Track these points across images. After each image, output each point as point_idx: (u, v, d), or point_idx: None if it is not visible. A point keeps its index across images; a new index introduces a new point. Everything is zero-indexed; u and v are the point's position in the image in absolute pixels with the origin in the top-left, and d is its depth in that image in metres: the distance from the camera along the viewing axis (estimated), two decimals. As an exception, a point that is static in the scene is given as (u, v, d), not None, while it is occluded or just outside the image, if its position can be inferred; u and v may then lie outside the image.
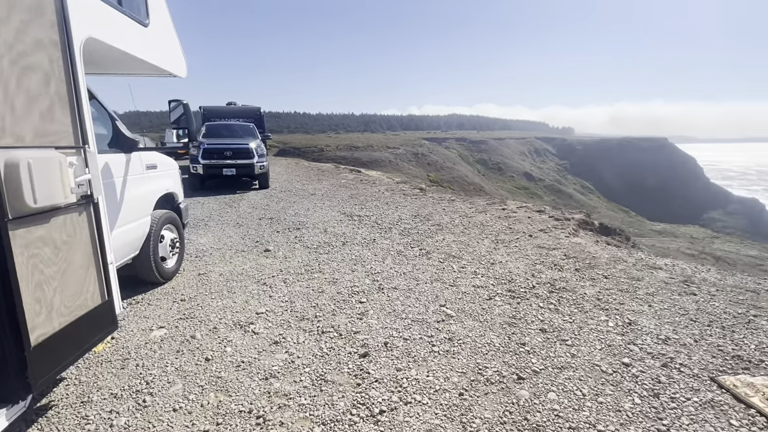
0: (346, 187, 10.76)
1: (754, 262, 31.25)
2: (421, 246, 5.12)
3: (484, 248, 5.03)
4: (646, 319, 3.08)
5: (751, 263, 28.86)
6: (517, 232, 5.80)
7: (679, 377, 2.35)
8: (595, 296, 3.51)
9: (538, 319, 3.10)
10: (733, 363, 2.51)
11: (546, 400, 2.17)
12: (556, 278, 3.94)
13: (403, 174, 31.28)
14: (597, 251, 4.85)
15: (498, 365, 2.50)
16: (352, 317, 3.15)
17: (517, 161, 68.00)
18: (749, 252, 36.57)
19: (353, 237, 5.55)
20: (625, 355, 2.59)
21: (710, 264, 8.72)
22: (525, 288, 3.71)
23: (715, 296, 3.50)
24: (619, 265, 4.32)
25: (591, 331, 2.90)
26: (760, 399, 2.12)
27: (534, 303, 3.39)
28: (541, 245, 5.09)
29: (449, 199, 8.80)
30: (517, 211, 7.15)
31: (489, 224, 6.32)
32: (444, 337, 2.85)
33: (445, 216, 6.96)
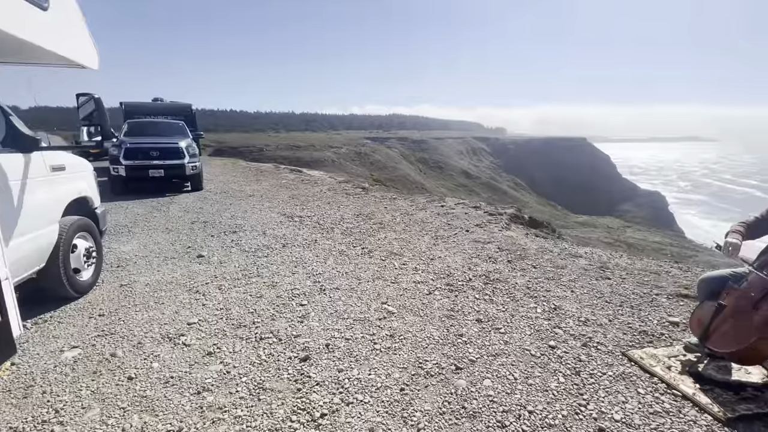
0: (286, 187, 10.46)
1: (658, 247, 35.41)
2: (363, 245, 5.13)
3: (425, 244, 5.16)
4: (569, 303, 3.35)
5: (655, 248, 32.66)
6: (455, 227, 6.03)
7: (596, 355, 2.59)
8: (525, 285, 3.75)
9: (474, 310, 3.24)
10: (640, 338, 2.81)
11: (482, 387, 2.28)
12: (491, 270, 4.16)
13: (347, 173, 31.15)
14: (527, 243, 5.19)
15: (437, 357, 2.58)
16: (292, 321, 3.07)
17: (455, 160, 70.77)
18: (654, 238, 41.35)
19: (294, 238, 5.41)
20: (551, 338, 2.80)
21: (623, 251, 9.69)
22: (462, 281, 3.87)
23: (625, 279, 3.90)
24: (545, 255, 4.67)
25: (522, 318, 3.09)
26: (661, 368, 2.40)
27: (471, 295, 3.54)
28: (477, 239, 5.34)
29: (391, 197, 8.91)
30: (455, 207, 7.43)
31: (429, 221, 6.49)
32: (386, 334, 2.88)
33: (387, 214, 7.04)
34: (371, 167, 48.70)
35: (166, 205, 7.72)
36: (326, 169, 28.52)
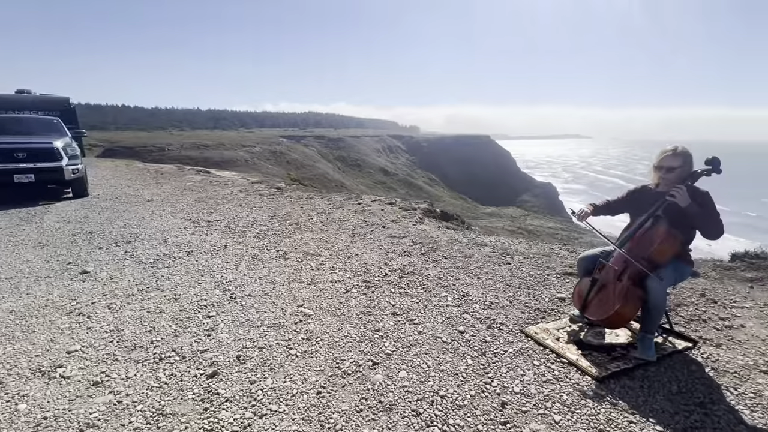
0: (192, 190, 9.63)
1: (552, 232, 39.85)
2: (278, 247, 4.94)
3: (342, 243, 5.14)
4: (475, 289, 3.61)
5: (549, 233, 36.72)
6: (372, 224, 6.11)
7: (499, 335, 2.82)
8: (437, 276, 3.95)
9: (390, 305, 3.31)
10: (536, 315, 3.14)
11: (398, 379, 2.33)
12: (406, 263, 4.29)
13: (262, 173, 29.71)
14: (439, 235, 5.47)
15: (354, 355, 2.58)
16: (198, 335, 2.83)
17: (373, 158, 71.87)
18: (549, 224, 46.49)
19: (200, 245, 5.00)
20: (461, 323, 2.98)
21: (522, 237, 10.76)
22: (379, 276, 3.93)
23: (523, 263, 4.32)
24: (455, 245, 4.96)
25: (434, 308, 3.25)
26: (552, 340, 2.71)
27: (387, 289, 3.62)
28: (393, 235, 5.48)
29: (308, 197, 8.73)
30: (371, 204, 7.54)
31: (346, 219, 6.49)
32: (302, 338, 2.80)
33: (303, 214, 6.88)
34: (288, 166, 47.15)
35: (40, 216, 6.59)
36: (239, 170, 26.86)
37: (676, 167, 2.54)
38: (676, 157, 2.54)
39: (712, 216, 2.40)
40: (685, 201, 2.41)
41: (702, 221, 2.40)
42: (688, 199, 2.42)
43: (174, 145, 40.21)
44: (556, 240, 15.92)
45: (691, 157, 2.54)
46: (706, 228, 2.41)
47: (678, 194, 2.43)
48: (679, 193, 2.43)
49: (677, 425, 1.97)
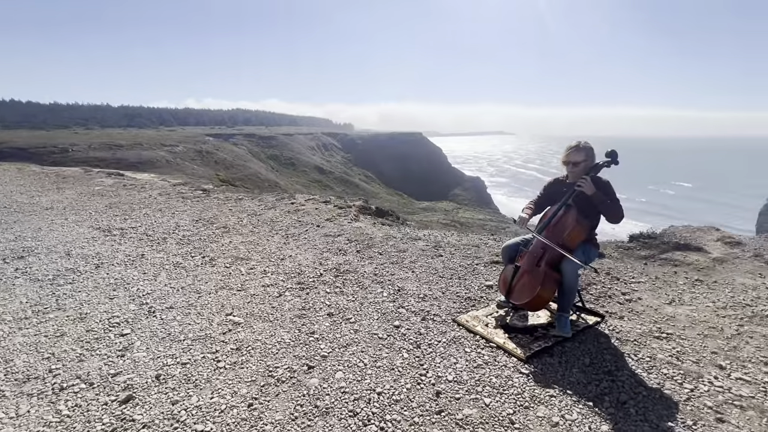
0: (102, 195, 8.65)
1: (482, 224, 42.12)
2: (204, 253, 4.61)
3: (275, 245, 4.94)
4: (410, 283, 3.67)
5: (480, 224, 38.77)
6: (306, 224, 5.96)
7: (433, 326, 2.89)
8: (372, 272, 3.95)
9: (325, 305, 3.25)
10: (466, 303, 3.27)
11: (334, 381, 2.29)
12: (341, 262, 4.25)
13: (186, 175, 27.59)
14: (374, 232, 5.49)
15: (289, 361, 2.49)
16: (109, 357, 2.53)
17: (308, 156, 70.45)
18: (479, 216, 49.06)
19: (112, 256, 4.50)
20: (396, 318, 3.01)
21: (455, 229, 11.22)
22: (314, 277, 3.84)
23: (454, 254, 4.50)
24: (390, 241, 5.02)
25: (370, 305, 3.25)
26: (481, 326, 2.84)
27: (322, 290, 3.54)
28: (328, 233, 5.39)
29: (237, 198, 8.27)
30: (305, 203, 7.35)
31: (279, 220, 6.26)
32: (231, 348, 2.63)
33: (232, 217, 6.50)
34: (216, 167, 44.41)
35: None
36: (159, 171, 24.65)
37: (580, 161, 2.79)
38: (580, 152, 2.78)
39: (614, 202, 2.67)
40: (591, 190, 2.66)
41: (606, 207, 2.66)
42: (593, 188, 2.67)
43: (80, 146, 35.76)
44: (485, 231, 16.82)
45: (592, 151, 2.81)
46: (610, 213, 2.67)
47: (584, 184, 2.68)
48: (585, 184, 2.67)
49: (590, 393, 2.17)
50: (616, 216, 2.66)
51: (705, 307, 3.12)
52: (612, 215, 2.66)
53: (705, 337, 2.71)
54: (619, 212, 2.66)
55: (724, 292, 3.34)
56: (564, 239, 2.68)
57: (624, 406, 2.07)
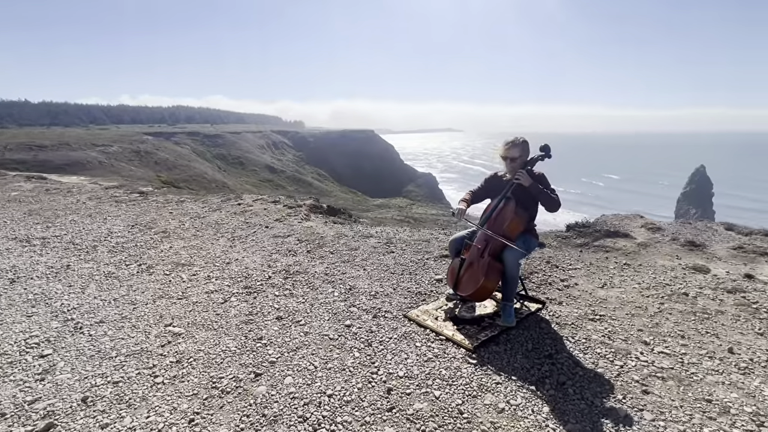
0: (20, 201, 7.77)
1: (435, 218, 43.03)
2: (141, 261, 4.29)
3: (220, 248, 4.71)
4: (362, 281, 3.65)
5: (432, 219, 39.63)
6: (254, 225, 5.74)
7: (384, 323, 2.90)
8: (323, 272, 3.89)
9: (274, 308, 3.14)
10: (417, 298, 3.31)
11: (283, 387, 2.22)
12: (291, 263, 4.13)
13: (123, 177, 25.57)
14: (325, 231, 5.41)
15: (234, 370, 2.37)
16: (26, 382, 2.27)
17: (257, 155, 68.10)
18: (432, 212, 50.17)
19: (31, 269, 4.05)
20: (348, 317, 2.98)
21: (408, 225, 11.37)
22: (262, 280, 3.70)
23: (405, 250, 4.54)
24: (341, 239, 4.97)
25: (321, 305, 3.18)
26: (431, 320, 2.89)
27: (270, 293, 3.42)
28: (277, 234, 5.23)
29: (178, 200, 7.79)
30: (253, 204, 7.08)
31: (225, 222, 5.98)
32: (171, 361, 2.47)
33: (173, 220, 6.11)
34: (157, 167, 41.59)
35: None
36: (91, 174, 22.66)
37: (516, 156, 2.91)
38: (516, 147, 2.91)
39: (550, 192, 2.81)
40: (528, 181, 2.79)
41: (543, 197, 2.79)
42: (530, 180, 2.80)
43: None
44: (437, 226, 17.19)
45: (528, 146, 2.94)
46: (547, 202, 2.80)
47: (522, 177, 2.80)
48: (522, 176, 2.80)
49: (533, 378, 2.28)
50: (553, 205, 2.80)
51: (632, 288, 3.40)
52: (549, 204, 2.80)
53: (632, 317, 2.94)
54: (555, 202, 2.80)
55: (647, 273, 3.66)
56: (504, 230, 2.79)
57: (563, 386, 2.20)
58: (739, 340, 2.60)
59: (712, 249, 4.10)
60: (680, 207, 46.06)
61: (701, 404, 2.06)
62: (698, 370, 2.33)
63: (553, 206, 2.79)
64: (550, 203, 2.79)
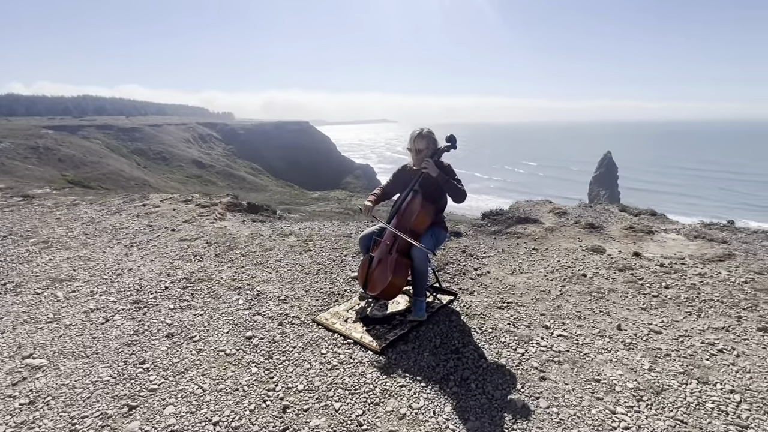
0: None
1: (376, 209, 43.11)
2: (8, 278, 3.62)
3: (112, 258, 4.15)
4: (272, 285, 3.40)
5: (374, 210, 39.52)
6: (158, 228, 5.17)
7: (290, 330, 2.69)
8: (230, 277, 3.57)
9: (166, 325, 2.79)
10: (329, 299, 3.15)
11: (161, 419, 1.93)
12: (195, 270, 3.75)
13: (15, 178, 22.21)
14: (240, 231, 5.02)
15: (103, 405, 2.03)
16: None
17: (182, 149, 63.21)
18: (372, 202, 49.99)
19: None
20: (250, 328, 2.73)
21: (346, 217, 11.16)
22: (156, 292, 3.29)
23: (324, 247, 4.35)
24: (256, 240, 4.63)
25: (221, 316, 2.89)
26: (341, 323, 2.74)
27: (164, 307, 3.05)
28: (184, 237, 4.75)
29: (71, 203, 6.82)
30: (161, 204, 6.41)
31: (124, 226, 5.32)
32: (21, 404, 2.05)
33: (60, 227, 5.31)
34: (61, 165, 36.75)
35: None
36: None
37: (422, 148, 2.84)
38: (423, 139, 2.84)
39: (457, 183, 2.78)
40: (435, 171, 2.73)
41: (450, 187, 2.74)
42: (437, 170, 2.74)
43: None
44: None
45: (434, 137, 2.88)
46: (453, 192, 2.75)
47: (429, 166, 2.73)
48: (429, 166, 2.73)
49: (438, 376, 2.23)
50: (459, 195, 2.76)
51: (538, 273, 3.54)
52: (455, 195, 2.76)
53: (537, 301, 3.04)
54: (461, 192, 2.76)
55: (552, 257, 3.84)
56: (412, 224, 2.71)
57: (466, 382, 2.17)
58: (626, 317, 2.79)
59: (608, 230, 4.44)
60: (592, 189, 51.02)
61: (591, 385, 2.14)
62: (590, 350, 2.44)
63: (459, 196, 2.76)
64: (457, 194, 2.76)
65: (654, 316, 2.80)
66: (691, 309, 2.85)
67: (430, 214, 2.77)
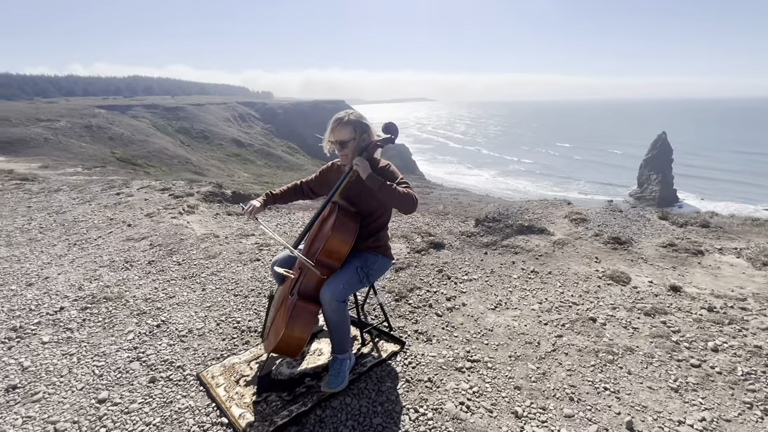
0: None
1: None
2: None
3: (42, 261, 3.67)
4: (184, 310, 2.72)
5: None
6: (115, 223, 4.67)
7: (158, 393, 1.98)
8: (144, 296, 2.93)
9: (17, 369, 2.18)
10: (239, 340, 2.42)
11: None
12: (111, 283, 3.15)
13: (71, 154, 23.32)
14: (196, 229, 4.40)
15: None
16: None
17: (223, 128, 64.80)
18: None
19: None
20: (112, 384, 2.06)
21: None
22: (47, 315, 2.72)
23: (278, 253, 3.61)
24: (206, 242, 3.99)
25: (90, 360, 2.24)
26: (227, 386, 2.00)
27: (38, 339, 2.45)
28: (132, 236, 4.20)
29: (52, 190, 6.55)
30: (135, 193, 5.96)
31: (85, 218, 4.88)
32: None
33: (21, 218, 4.97)
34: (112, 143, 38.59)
35: None
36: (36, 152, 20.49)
37: (347, 140, 1.98)
38: (346, 127, 1.98)
39: (398, 186, 1.92)
40: (366, 170, 1.89)
41: (386, 193, 1.88)
42: (369, 169, 1.90)
43: None
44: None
45: (365, 125, 2.01)
46: (394, 199, 1.89)
47: (360, 164, 1.89)
48: (361, 163, 1.89)
49: (319, 504, 1.45)
50: (404, 202, 1.89)
51: (530, 310, 2.61)
52: (398, 202, 1.89)
53: (516, 360, 2.15)
54: (406, 198, 1.89)
55: (554, 286, 2.87)
56: (319, 254, 1.88)
57: None
58: (644, 403, 1.84)
59: (639, 247, 3.36)
60: (642, 173, 46.70)
61: None
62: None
63: (404, 204, 1.90)
64: (399, 200, 1.90)
65: (690, 405, 1.83)
66: (754, 398, 1.85)
67: (348, 238, 1.92)
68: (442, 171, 62.09)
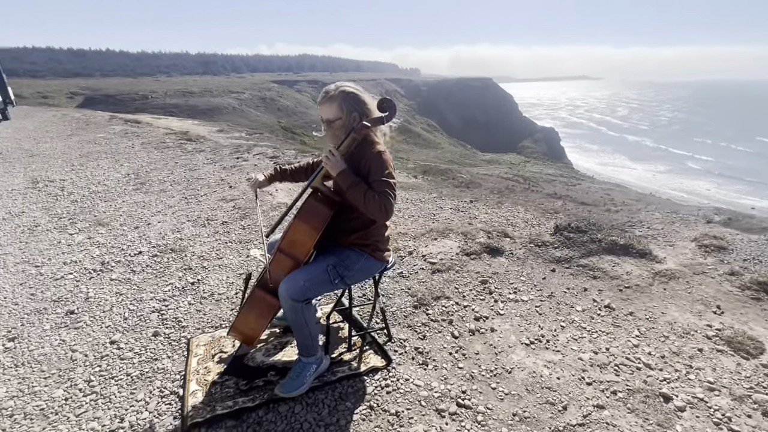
0: (95, 143, 8.79)
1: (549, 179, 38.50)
2: (94, 212, 4.22)
3: (158, 208, 4.40)
4: (217, 276, 2.88)
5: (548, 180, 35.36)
6: (224, 183, 5.33)
7: (153, 346, 2.13)
8: (200, 254, 3.22)
9: (85, 296, 2.62)
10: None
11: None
12: (187, 236, 3.56)
13: (249, 121, 28.30)
14: (278, 197, 4.67)
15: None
16: None
17: (370, 103, 68.92)
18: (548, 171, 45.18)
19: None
20: (125, 330, 2.29)
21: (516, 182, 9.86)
22: (129, 255, 3.22)
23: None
24: (276, 211, 4.19)
25: (130, 299, 2.55)
26: (203, 357, 2.01)
27: (108, 276, 2.92)
28: (226, 197, 4.70)
29: (196, 149, 7.85)
30: (250, 159, 6.69)
31: (204, 177, 5.71)
32: None
33: (170, 173, 6.09)
34: (279, 113, 45.30)
35: None
36: (226, 118, 25.64)
37: (333, 119, 1.70)
38: (331, 103, 1.69)
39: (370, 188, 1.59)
40: (337, 167, 1.61)
41: (356, 196, 1.58)
42: (341, 165, 1.61)
43: (158, 93, 38.30)
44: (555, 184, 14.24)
45: (355, 100, 1.69)
46: (362, 204, 1.58)
47: (331, 160, 1.62)
48: (332, 159, 1.62)
49: None
50: (372, 207, 1.57)
51: (576, 359, 1.94)
52: (365, 206, 1.58)
53: (518, 423, 1.62)
54: (376, 204, 1.57)
55: (629, 334, 2.07)
56: (282, 243, 1.69)
57: None
58: None
59: (805, 305, 2.16)
60: None
61: None
62: None
63: (369, 211, 1.59)
64: (365, 206, 1.59)
65: None
66: None
67: (317, 226, 1.65)
68: (594, 161, 54.28)
